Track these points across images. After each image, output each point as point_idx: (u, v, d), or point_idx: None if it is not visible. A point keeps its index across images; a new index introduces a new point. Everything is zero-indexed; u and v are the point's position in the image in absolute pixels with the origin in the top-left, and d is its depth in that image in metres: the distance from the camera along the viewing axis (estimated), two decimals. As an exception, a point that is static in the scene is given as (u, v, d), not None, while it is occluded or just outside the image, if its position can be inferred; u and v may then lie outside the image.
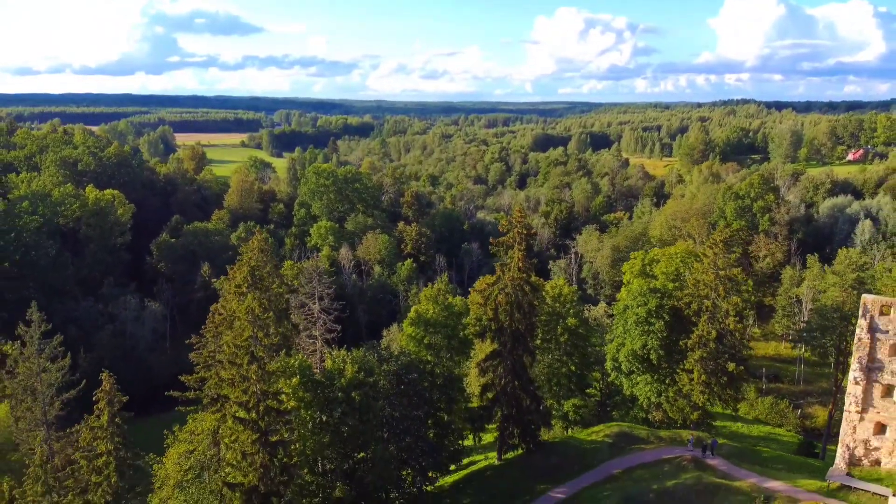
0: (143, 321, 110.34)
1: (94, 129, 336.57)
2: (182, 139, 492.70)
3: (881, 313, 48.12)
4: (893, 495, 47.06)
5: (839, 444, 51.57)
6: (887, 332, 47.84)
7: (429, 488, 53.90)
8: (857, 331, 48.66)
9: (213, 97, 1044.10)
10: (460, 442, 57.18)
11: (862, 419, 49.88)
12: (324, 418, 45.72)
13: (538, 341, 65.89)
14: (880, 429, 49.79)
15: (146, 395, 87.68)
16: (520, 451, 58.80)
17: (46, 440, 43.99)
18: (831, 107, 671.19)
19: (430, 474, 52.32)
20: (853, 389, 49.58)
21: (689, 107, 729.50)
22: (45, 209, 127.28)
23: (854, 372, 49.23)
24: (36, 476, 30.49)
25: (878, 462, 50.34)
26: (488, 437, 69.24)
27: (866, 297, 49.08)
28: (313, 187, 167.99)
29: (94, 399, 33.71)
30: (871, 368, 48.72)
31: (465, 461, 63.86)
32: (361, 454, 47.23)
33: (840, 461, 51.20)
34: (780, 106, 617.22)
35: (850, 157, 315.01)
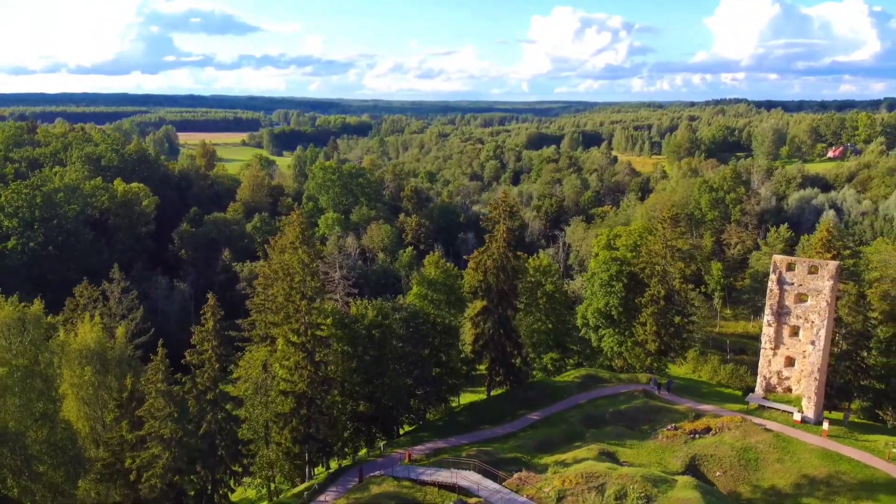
0: (172, 299, 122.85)
1: (101, 128, 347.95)
2: (184, 138, 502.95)
3: (787, 269, 61.19)
4: (798, 412, 60.26)
5: (758, 376, 64.76)
6: (792, 284, 60.84)
7: (430, 415, 66.85)
8: (769, 283, 61.70)
9: (209, 96, 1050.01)
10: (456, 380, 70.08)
11: (775, 354, 62.98)
12: (350, 350, 58.71)
13: (521, 305, 78.80)
14: (790, 362, 62.86)
15: (175, 364, 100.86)
16: (504, 389, 71.80)
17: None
18: (822, 106, 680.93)
19: (432, 400, 65.27)
20: (767, 331, 62.69)
21: (681, 106, 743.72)
22: (78, 201, 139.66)
23: (767, 316, 62.32)
24: (157, 367, 42.97)
25: (789, 389, 63.40)
26: (475, 397, 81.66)
27: (776, 257, 62.20)
28: (320, 182, 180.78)
29: (201, 312, 46.54)
30: (781, 313, 61.78)
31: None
32: (379, 380, 60.11)
33: (759, 388, 64.35)
34: (772, 105, 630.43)
35: (830, 154, 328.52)
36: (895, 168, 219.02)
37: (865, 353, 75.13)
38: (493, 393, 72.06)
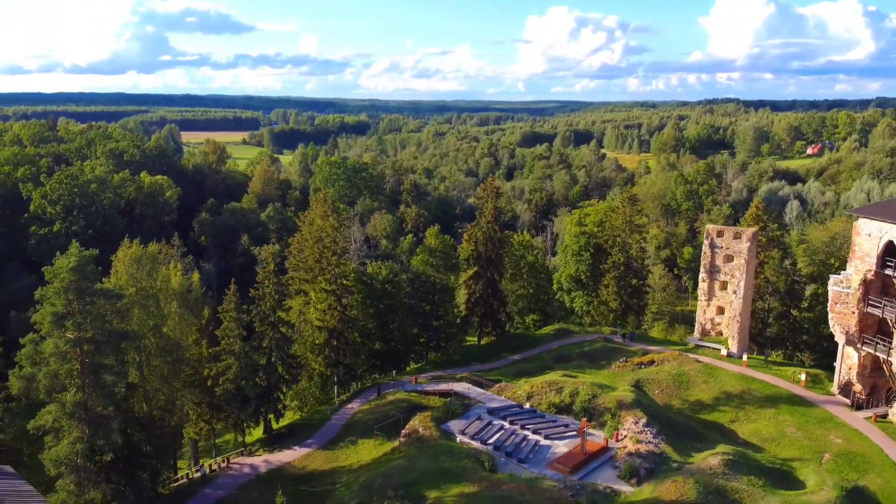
0: (200, 279, 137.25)
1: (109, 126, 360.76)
2: (186, 137, 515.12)
3: (718, 235, 76.19)
4: (725, 348, 75.20)
5: (696, 322, 79.83)
6: (721, 247, 75.86)
7: (431, 357, 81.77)
8: (703, 247, 76.76)
9: (206, 96, 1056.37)
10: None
11: (709, 305, 78.07)
12: (368, 301, 73.55)
13: (508, 274, 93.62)
14: (720, 311, 77.94)
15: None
16: (492, 338, 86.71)
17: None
18: (813, 105, 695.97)
19: (431, 345, 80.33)
20: (702, 286, 77.74)
21: (672, 105, 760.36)
22: (108, 191, 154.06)
23: (702, 274, 77.37)
24: (230, 299, 57.54)
25: (720, 333, 78.51)
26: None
27: (708, 226, 77.30)
28: (327, 176, 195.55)
29: (260, 258, 61.25)
30: (712, 271, 76.83)
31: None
32: (391, 326, 75.01)
33: (696, 333, 79.52)
34: (764, 105, 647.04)
35: (809, 151, 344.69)
36: (862, 162, 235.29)
37: (796, 312, 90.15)
38: (482, 342, 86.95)
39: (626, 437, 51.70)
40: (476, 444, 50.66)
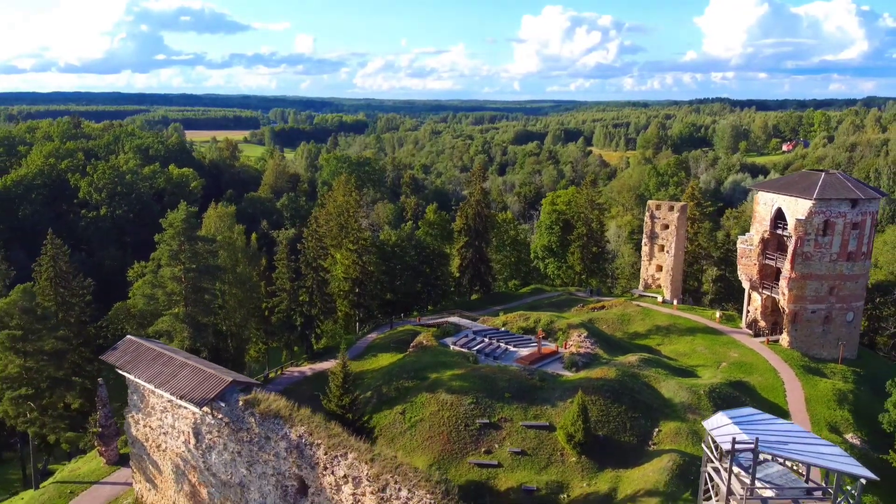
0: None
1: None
2: (189, 135, 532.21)
3: (657, 209, 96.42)
4: (661, 297, 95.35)
5: (640, 278, 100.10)
6: (659, 218, 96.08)
7: (430, 308, 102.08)
8: (645, 218, 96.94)
9: (203, 95, 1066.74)
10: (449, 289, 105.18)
11: (650, 263, 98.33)
12: (381, 261, 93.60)
13: (493, 245, 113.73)
14: (659, 268, 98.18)
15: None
16: (479, 295, 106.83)
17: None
18: (802, 105, 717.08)
19: (432, 298, 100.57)
20: (644, 248, 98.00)
21: (662, 105, 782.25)
22: (142, 181, 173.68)
23: (644, 238, 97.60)
24: (283, 249, 77.59)
25: (659, 286, 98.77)
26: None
27: (649, 202, 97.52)
28: (333, 169, 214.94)
29: (306, 220, 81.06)
30: (652, 237, 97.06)
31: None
32: (399, 281, 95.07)
33: (640, 286, 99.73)
34: (754, 104, 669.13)
35: (784, 148, 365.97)
36: (823, 157, 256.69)
37: (730, 275, 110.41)
38: (472, 298, 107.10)
39: (571, 345, 71.88)
40: (465, 350, 70.71)
